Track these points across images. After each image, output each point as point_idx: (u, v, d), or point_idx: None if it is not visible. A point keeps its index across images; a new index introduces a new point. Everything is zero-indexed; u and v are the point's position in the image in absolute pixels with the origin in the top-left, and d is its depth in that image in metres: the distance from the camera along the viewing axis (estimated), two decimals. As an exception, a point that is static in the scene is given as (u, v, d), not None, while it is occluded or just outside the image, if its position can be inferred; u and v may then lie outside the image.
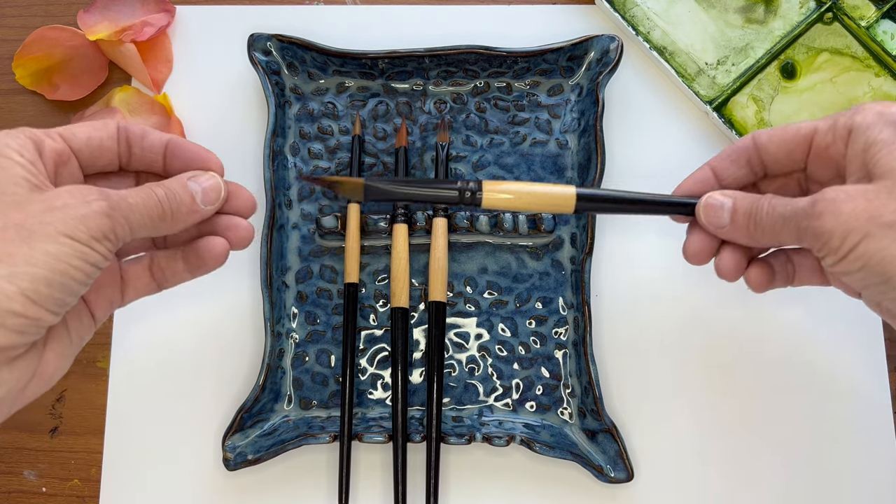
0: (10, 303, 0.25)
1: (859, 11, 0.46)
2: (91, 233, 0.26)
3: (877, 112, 0.29)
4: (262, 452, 0.41)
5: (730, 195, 0.33)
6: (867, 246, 0.27)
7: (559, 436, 0.42)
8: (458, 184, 0.34)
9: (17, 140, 0.28)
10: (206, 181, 0.31)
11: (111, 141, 0.31)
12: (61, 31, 0.47)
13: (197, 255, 0.33)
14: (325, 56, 0.45)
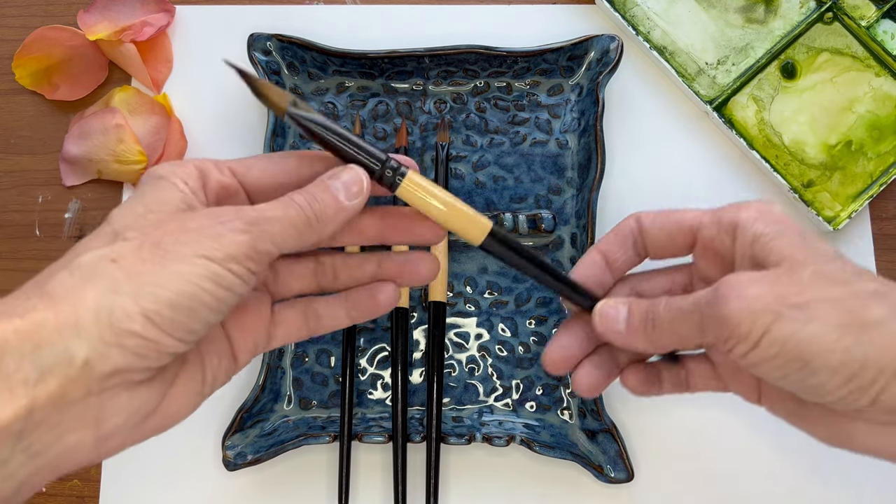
0: (130, 322, 0.23)
1: (859, 11, 0.46)
2: (227, 250, 0.25)
3: (759, 209, 0.29)
4: (262, 452, 0.41)
5: (623, 300, 0.31)
6: (780, 329, 0.26)
7: (559, 436, 0.42)
8: (384, 159, 0.30)
9: (185, 169, 0.27)
10: (345, 176, 0.29)
11: (287, 175, 0.30)
12: (61, 31, 0.47)
13: (369, 299, 0.32)
14: (325, 56, 0.45)
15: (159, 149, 0.45)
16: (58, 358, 0.23)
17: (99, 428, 0.24)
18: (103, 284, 0.23)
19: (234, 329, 0.30)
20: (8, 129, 0.47)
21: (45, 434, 0.23)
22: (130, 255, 0.24)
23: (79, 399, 0.23)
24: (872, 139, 0.45)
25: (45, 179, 0.47)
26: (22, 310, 0.23)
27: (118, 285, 0.24)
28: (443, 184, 0.44)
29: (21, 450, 0.23)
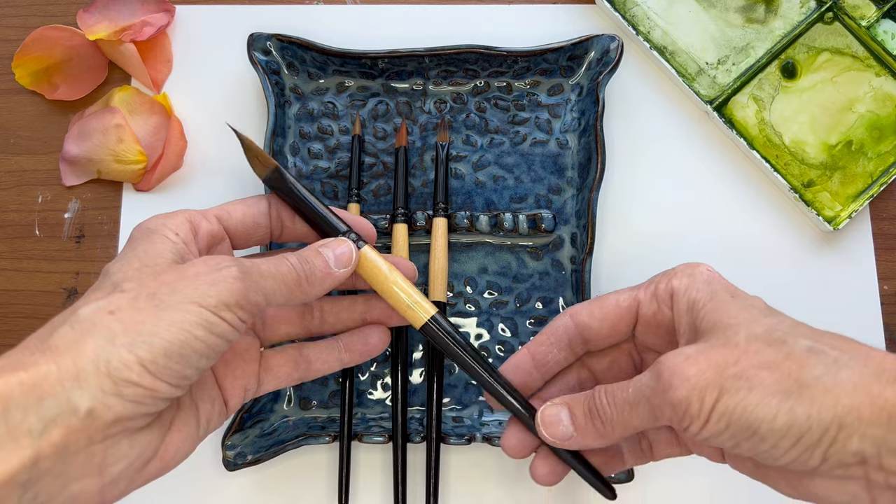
0: (128, 372, 0.24)
1: (860, 11, 0.46)
2: (221, 298, 0.26)
3: (688, 274, 0.30)
4: (261, 452, 0.41)
5: (560, 402, 0.32)
6: (726, 403, 0.26)
7: (559, 436, 0.42)
8: (344, 231, 0.33)
9: (175, 221, 0.29)
10: (337, 247, 0.32)
11: (263, 217, 0.32)
12: (61, 31, 0.47)
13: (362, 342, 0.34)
14: (324, 56, 0.45)
15: (159, 149, 0.45)
16: (61, 409, 0.23)
17: (102, 475, 0.25)
18: (101, 336, 0.25)
19: (224, 375, 0.31)
20: (8, 129, 0.47)
21: (50, 483, 0.24)
22: (127, 307, 0.25)
23: (82, 448, 0.24)
24: (873, 139, 0.45)
25: (44, 179, 0.47)
26: (25, 364, 0.24)
27: (115, 337, 0.25)
28: (443, 184, 0.44)
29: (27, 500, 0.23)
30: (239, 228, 0.32)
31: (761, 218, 0.45)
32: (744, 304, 0.29)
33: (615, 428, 0.30)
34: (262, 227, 0.32)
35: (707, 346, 0.28)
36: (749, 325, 0.28)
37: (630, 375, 0.31)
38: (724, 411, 0.26)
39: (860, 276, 0.44)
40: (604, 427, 0.30)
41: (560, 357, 0.34)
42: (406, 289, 0.33)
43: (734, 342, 0.27)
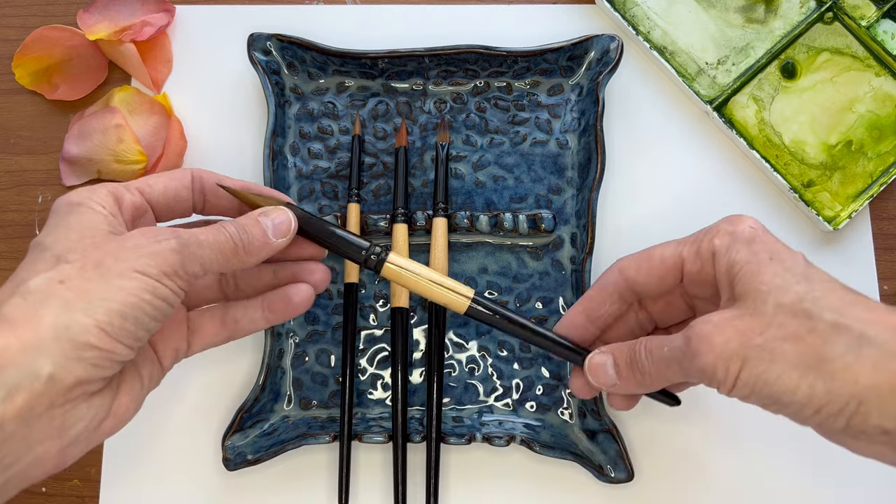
0: (87, 335, 0.26)
1: (860, 11, 0.46)
2: (161, 268, 0.28)
3: (730, 233, 0.31)
4: (261, 452, 0.41)
5: (607, 350, 0.34)
6: (749, 372, 0.28)
7: (559, 436, 0.42)
8: (367, 247, 0.34)
9: (99, 194, 0.30)
10: (276, 216, 0.32)
11: (185, 190, 0.33)
12: (61, 31, 0.47)
13: (284, 301, 0.34)
14: (324, 56, 0.45)
15: (159, 148, 0.45)
16: (24, 375, 0.25)
17: (62, 437, 0.26)
18: (57, 304, 0.26)
19: (157, 340, 0.33)
20: (8, 129, 0.47)
21: (15, 446, 0.25)
22: (76, 276, 0.26)
23: (44, 411, 0.25)
24: (872, 139, 0.45)
25: (44, 179, 0.47)
26: None
27: (70, 303, 0.26)
28: (443, 184, 0.44)
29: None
30: (160, 201, 0.32)
31: (761, 218, 0.45)
32: (779, 269, 0.29)
33: (653, 380, 0.32)
34: (183, 199, 0.33)
35: (736, 314, 0.29)
36: (779, 293, 0.29)
37: (685, 316, 0.33)
38: (747, 380, 0.28)
39: (860, 276, 0.44)
40: (643, 378, 0.32)
41: (613, 309, 0.35)
42: (441, 282, 0.35)
43: (762, 311, 0.28)
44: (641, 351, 0.32)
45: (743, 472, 0.42)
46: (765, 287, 0.29)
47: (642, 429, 0.42)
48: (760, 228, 0.31)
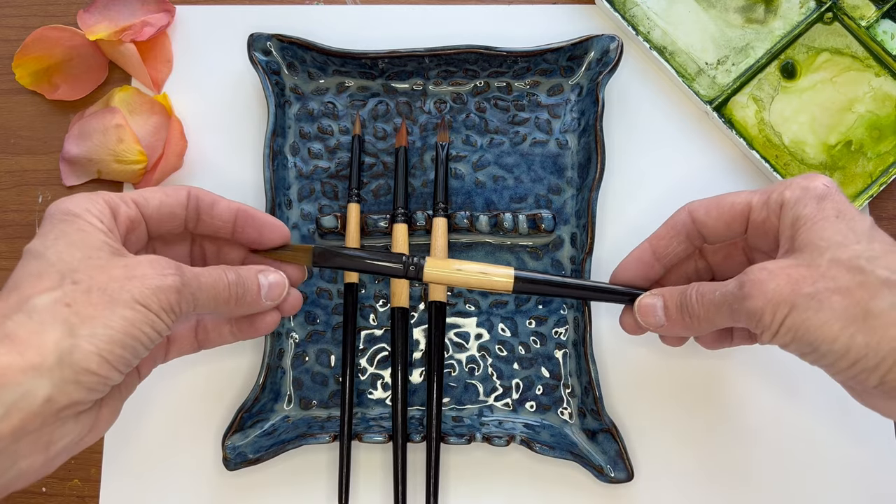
0: (88, 362, 0.26)
1: (859, 11, 0.46)
2: (161, 304, 0.29)
3: (803, 187, 0.31)
4: (261, 452, 0.41)
5: (657, 293, 0.35)
6: (794, 318, 0.29)
7: (559, 436, 0.42)
8: (403, 258, 0.35)
9: (97, 205, 0.30)
10: (273, 277, 0.34)
11: (181, 208, 0.33)
12: (61, 31, 0.47)
13: (250, 324, 0.35)
14: (325, 56, 0.45)
15: (159, 149, 0.45)
16: (22, 395, 0.25)
17: (48, 451, 0.27)
18: (62, 328, 0.26)
19: None
20: (8, 129, 0.47)
21: (1, 462, 0.26)
22: (82, 299, 0.27)
23: (34, 430, 0.26)
24: (872, 139, 0.45)
25: (45, 179, 0.47)
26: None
27: (75, 329, 0.26)
28: (443, 184, 0.44)
29: None
30: (154, 216, 0.33)
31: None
32: (843, 227, 0.30)
33: (700, 323, 0.33)
34: (177, 217, 0.33)
35: (791, 264, 0.30)
36: (837, 249, 0.29)
37: (742, 269, 0.33)
38: (791, 326, 0.29)
39: (860, 276, 0.44)
40: (691, 321, 0.33)
41: (679, 249, 0.36)
42: (482, 271, 0.36)
43: (817, 263, 0.29)
44: (692, 294, 0.33)
45: (743, 472, 0.42)
46: (824, 242, 0.29)
47: (642, 429, 0.42)
48: (834, 188, 0.32)
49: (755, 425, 0.42)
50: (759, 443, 0.42)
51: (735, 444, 0.42)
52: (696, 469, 0.42)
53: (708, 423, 0.43)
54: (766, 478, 0.42)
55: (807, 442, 0.42)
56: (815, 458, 0.42)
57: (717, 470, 0.42)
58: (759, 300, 0.29)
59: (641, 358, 0.43)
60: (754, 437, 0.42)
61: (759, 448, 0.42)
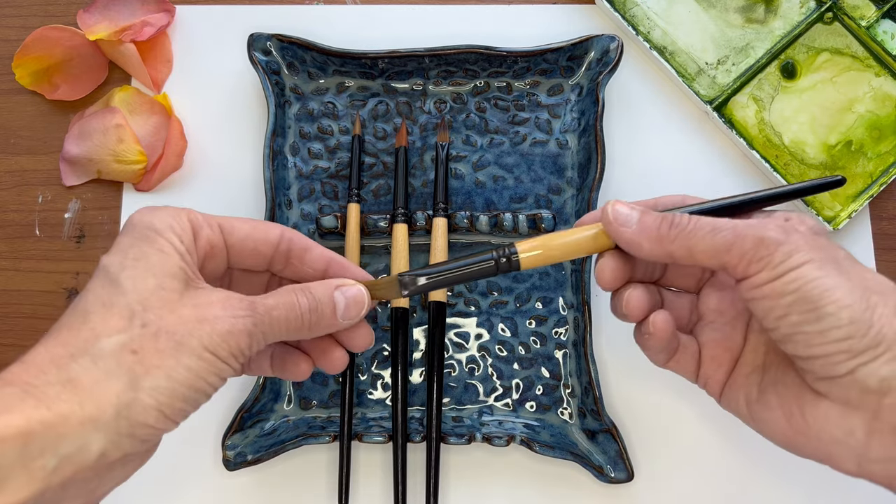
0: (146, 416, 0.26)
1: (859, 11, 0.46)
2: (231, 350, 0.27)
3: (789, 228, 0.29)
4: (261, 452, 0.41)
5: (636, 207, 0.31)
6: (810, 270, 0.27)
7: (559, 436, 0.42)
8: (493, 255, 0.31)
9: (180, 223, 0.29)
10: (352, 292, 0.31)
11: (268, 247, 0.31)
12: (61, 31, 0.47)
13: (292, 365, 0.33)
14: (325, 56, 0.45)
15: (159, 148, 0.45)
16: (77, 449, 0.25)
17: (93, 495, 0.27)
18: (125, 379, 0.26)
19: None
20: (8, 129, 0.47)
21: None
22: (149, 346, 0.26)
23: (84, 480, 0.25)
24: (872, 139, 0.45)
25: (44, 179, 0.47)
26: (48, 397, 0.25)
27: (138, 380, 0.26)
28: (443, 184, 0.44)
29: None
30: (237, 247, 0.31)
31: (761, 218, 0.45)
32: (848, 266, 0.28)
33: (677, 240, 0.29)
34: (262, 256, 0.31)
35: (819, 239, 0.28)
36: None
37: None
38: (802, 275, 0.27)
39: (860, 276, 0.44)
40: (668, 231, 0.29)
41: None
42: (569, 241, 0.31)
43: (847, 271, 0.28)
44: (685, 214, 0.30)
45: (743, 472, 0.42)
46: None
47: (642, 429, 0.42)
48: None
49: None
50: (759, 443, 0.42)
51: (735, 445, 0.42)
52: (697, 469, 0.42)
53: (708, 423, 0.43)
54: (766, 478, 0.42)
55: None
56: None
57: (718, 470, 0.42)
58: (780, 234, 0.27)
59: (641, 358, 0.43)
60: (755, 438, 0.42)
61: (760, 448, 0.42)
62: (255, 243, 0.31)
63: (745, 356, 0.32)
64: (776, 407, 0.30)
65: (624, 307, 0.32)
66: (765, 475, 0.42)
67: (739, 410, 0.32)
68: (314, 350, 0.33)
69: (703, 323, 0.33)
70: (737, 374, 0.32)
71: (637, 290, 0.31)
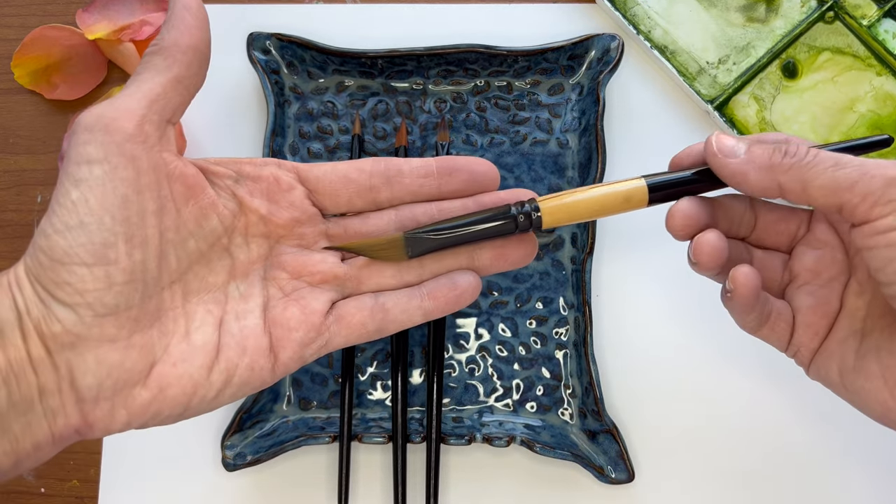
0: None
1: (861, 10, 0.46)
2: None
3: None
4: (261, 453, 0.41)
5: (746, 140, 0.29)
6: None
7: (560, 436, 0.42)
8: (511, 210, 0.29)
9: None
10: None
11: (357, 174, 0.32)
12: (60, 31, 0.47)
13: (449, 287, 0.32)
14: (324, 55, 0.45)
15: (158, 148, 0.45)
16: None
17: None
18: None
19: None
20: (6, 129, 0.47)
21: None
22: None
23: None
24: (874, 139, 0.45)
25: (43, 179, 0.47)
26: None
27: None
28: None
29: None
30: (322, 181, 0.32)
31: (762, 218, 0.45)
32: None
33: (792, 169, 0.26)
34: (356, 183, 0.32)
35: None
36: None
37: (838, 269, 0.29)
38: None
39: (861, 276, 0.44)
40: (781, 160, 0.27)
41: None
42: (598, 195, 0.30)
43: None
44: (801, 146, 0.27)
45: (744, 473, 0.42)
46: None
47: (643, 429, 0.42)
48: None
49: (756, 426, 0.42)
50: (760, 443, 0.42)
51: (736, 445, 0.42)
52: (698, 470, 0.42)
53: (709, 423, 0.42)
54: (766, 478, 0.42)
55: (807, 443, 0.42)
56: (816, 459, 0.42)
57: (718, 471, 0.42)
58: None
59: (642, 358, 0.43)
60: (755, 438, 0.42)
61: (760, 449, 0.42)
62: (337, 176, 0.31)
63: (841, 321, 0.29)
64: (876, 376, 0.27)
65: (693, 253, 0.28)
66: (765, 476, 0.42)
67: (831, 380, 0.29)
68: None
69: (795, 285, 0.30)
70: (830, 341, 0.29)
71: (711, 234, 0.28)
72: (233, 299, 0.30)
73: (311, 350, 0.31)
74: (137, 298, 0.27)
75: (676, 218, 0.29)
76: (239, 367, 0.29)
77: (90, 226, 0.26)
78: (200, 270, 0.30)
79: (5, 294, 0.26)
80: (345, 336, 0.31)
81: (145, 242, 0.27)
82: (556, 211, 0.30)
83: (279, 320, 0.30)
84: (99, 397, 0.26)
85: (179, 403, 0.28)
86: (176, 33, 0.29)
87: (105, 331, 0.26)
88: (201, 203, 0.30)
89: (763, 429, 0.42)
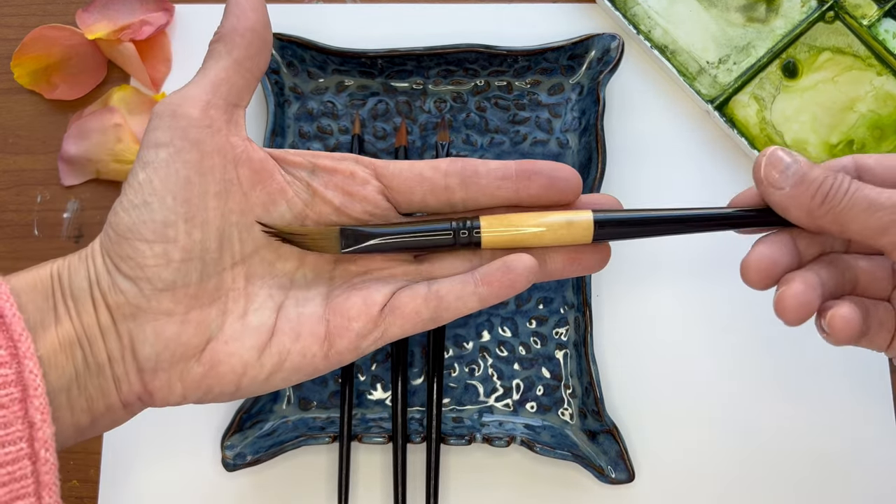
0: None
1: (861, 10, 0.46)
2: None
3: None
4: (261, 453, 0.40)
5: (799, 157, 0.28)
6: None
7: (560, 436, 0.42)
8: (452, 224, 0.29)
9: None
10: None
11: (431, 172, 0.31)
12: (60, 31, 0.47)
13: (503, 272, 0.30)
14: (324, 55, 0.45)
15: (158, 148, 0.45)
16: None
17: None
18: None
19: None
20: (6, 129, 0.47)
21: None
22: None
23: None
24: (874, 139, 0.45)
25: (43, 179, 0.47)
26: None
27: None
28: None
29: None
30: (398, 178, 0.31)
31: (762, 218, 0.45)
32: None
33: (828, 216, 0.26)
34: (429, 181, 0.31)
35: None
36: None
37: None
38: None
39: (862, 276, 0.44)
40: (819, 206, 0.26)
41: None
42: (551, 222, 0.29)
43: None
44: (843, 184, 0.26)
45: (744, 473, 0.42)
46: None
47: (643, 429, 0.42)
48: None
49: (756, 426, 0.42)
50: (760, 444, 0.42)
51: (736, 445, 0.42)
52: (698, 470, 0.42)
53: (709, 424, 0.42)
54: (766, 479, 0.42)
55: (808, 443, 0.42)
56: (816, 459, 0.42)
57: (719, 471, 0.42)
58: None
59: (642, 358, 0.43)
60: (755, 438, 0.42)
61: (761, 449, 0.42)
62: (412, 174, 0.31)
63: None
64: None
65: (778, 307, 0.27)
66: (765, 476, 0.42)
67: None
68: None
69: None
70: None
71: (796, 285, 0.27)
72: (297, 286, 0.31)
73: (368, 342, 0.30)
74: (195, 276, 0.28)
75: (751, 267, 0.28)
76: (291, 352, 0.29)
77: (153, 205, 0.27)
78: (268, 255, 0.30)
79: (83, 264, 0.27)
80: (400, 326, 0.30)
81: (206, 223, 0.28)
82: (495, 237, 0.30)
83: (339, 309, 0.30)
84: (157, 368, 0.28)
85: (230, 382, 0.29)
86: (233, 19, 0.30)
87: (162, 304, 0.28)
88: (269, 188, 0.30)
89: (763, 429, 0.42)
